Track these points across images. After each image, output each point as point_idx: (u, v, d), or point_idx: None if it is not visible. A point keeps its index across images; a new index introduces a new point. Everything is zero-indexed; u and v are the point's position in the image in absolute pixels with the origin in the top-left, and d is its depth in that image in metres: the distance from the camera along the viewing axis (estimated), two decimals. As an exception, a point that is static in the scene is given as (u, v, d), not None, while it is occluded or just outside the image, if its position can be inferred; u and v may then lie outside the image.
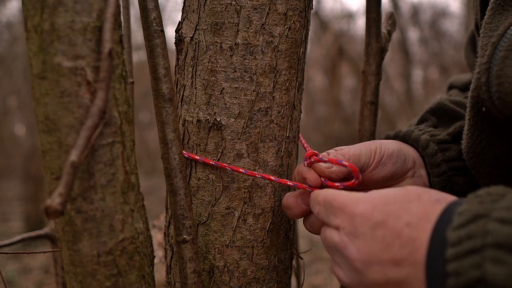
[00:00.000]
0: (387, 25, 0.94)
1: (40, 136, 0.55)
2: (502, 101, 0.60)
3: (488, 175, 0.70)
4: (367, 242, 0.51)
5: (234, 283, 0.74)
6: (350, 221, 0.54)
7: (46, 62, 0.53)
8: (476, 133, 0.69)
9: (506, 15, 0.64)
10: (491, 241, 0.43)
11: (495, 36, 0.63)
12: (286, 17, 0.71)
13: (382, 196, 0.53)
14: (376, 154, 0.71)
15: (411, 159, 0.75)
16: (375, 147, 0.72)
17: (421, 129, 0.81)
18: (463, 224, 0.45)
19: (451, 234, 0.45)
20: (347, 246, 0.54)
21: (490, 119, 0.65)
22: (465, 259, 0.44)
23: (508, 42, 0.61)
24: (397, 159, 0.73)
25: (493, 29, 0.65)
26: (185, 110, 0.74)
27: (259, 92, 0.71)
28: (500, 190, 0.48)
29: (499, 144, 0.67)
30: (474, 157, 0.71)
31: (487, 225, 0.43)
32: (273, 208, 0.75)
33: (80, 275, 0.58)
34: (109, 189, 0.57)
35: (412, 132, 0.79)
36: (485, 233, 0.43)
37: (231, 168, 0.71)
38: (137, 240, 0.61)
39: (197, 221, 0.74)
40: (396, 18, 0.98)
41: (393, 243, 0.49)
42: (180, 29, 0.75)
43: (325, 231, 0.60)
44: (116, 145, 0.57)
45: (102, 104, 0.52)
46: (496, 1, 0.67)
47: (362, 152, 0.70)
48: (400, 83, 7.46)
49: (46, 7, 0.52)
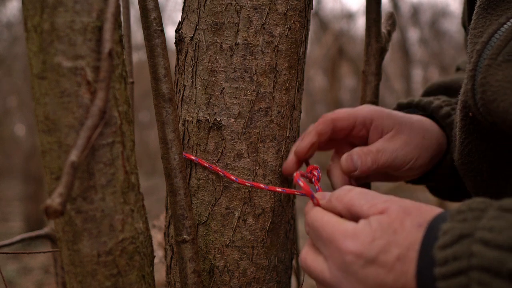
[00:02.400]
0: (387, 25, 0.94)
1: (40, 136, 0.55)
2: (486, 108, 0.61)
3: (473, 178, 0.71)
4: (361, 280, 0.51)
5: (234, 283, 0.74)
6: (340, 257, 0.53)
7: (46, 62, 0.53)
8: (463, 136, 0.70)
9: (490, 19, 0.65)
10: (476, 263, 0.44)
11: (480, 43, 0.64)
12: (286, 17, 0.71)
13: (368, 231, 0.52)
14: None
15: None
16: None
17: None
18: (448, 244, 0.46)
19: (437, 253, 0.47)
20: (342, 283, 0.53)
21: (477, 124, 0.67)
22: (452, 279, 0.45)
23: (492, 51, 0.62)
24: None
25: (478, 35, 0.66)
26: (185, 110, 0.74)
27: (259, 92, 0.71)
28: (481, 205, 0.48)
29: (485, 148, 0.68)
30: (462, 158, 0.71)
31: (471, 246, 0.45)
32: (273, 208, 0.75)
33: (80, 275, 0.58)
34: (109, 189, 0.57)
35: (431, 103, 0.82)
36: (470, 254, 0.45)
37: (224, 173, 0.71)
38: (137, 240, 0.61)
39: (197, 221, 0.74)
40: (396, 18, 0.98)
41: (387, 278, 0.50)
42: (180, 29, 0.75)
43: (311, 254, 0.58)
44: (116, 145, 0.57)
45: (102, 104, 0.52)
46: (480, 5, 0.68)
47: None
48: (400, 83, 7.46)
49: (46, 7, 0.52)
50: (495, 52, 0.61)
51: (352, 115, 0.73)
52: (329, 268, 0.54)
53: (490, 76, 0.61)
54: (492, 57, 0.61)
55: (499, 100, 0.59)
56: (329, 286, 0.55)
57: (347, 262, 0.52)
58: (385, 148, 0.71)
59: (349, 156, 0.71)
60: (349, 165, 0.71)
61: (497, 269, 0.43)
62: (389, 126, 0.73)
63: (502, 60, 0.61)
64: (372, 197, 0.55)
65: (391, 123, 0.73)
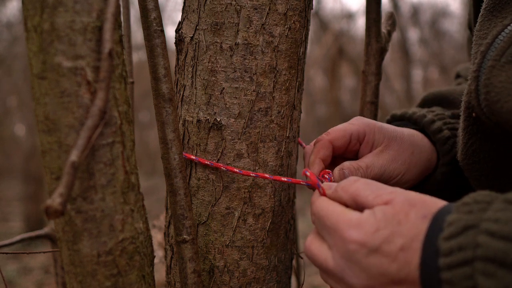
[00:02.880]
0: (387, 25, 0.94)
1: (40, 136, 0.55)
2: (489, 109, 0.62)
3: (478, 177, 0.72)
4: (364, 268, 0.52)
5: (234, 283, 0.74)
6: (343, 245, 0.54)
7: (46, 62, 0.53)
8: (468, 136, 0.71)
9: (495, 21, 0.66)
10: (481, 254, 0.45)
11: (484, 44, 0.65)
12: (286, 17, 0.71)
13: (372, 221, 0.53)
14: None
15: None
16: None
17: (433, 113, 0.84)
18: (453, 235, 0.47)
19: (442, 244, 0.47)
20: (345, 271, 0.54)
21: (480, 124, 0.67)
22: (457, 270, 0.46)
23: (496, 52, 0.63)
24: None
25: (483, 36, 0.67)
26: (185, 110, 0.74)
27: (259, 92, 0.71)
28: (487, 198, 0.49)
29: (488, 149, 0.68)
30: (466, 158, 0.72)
31: (477, 237, 0.45)
32: (273, 208, 0.75)
33: (80, 275, 0.58)
34: (109, 189, 0.57)
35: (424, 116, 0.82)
36: (475, 245, 0.45)
37: (226, 168, 0.71)
38: (137, 240, 0.61)
39: (197, 221, 0.74)
40: (396, 18, 0.98)
41: (390, 267, 0.51)
42: (180, 29, 0.75)
43: (316, 242, 0.59)
44: (116, 145, 0.57)
45: (102, 104, 0.52)
46: (486, 7, 0.68)
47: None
48: (400, 83, 7.46)
49: (46, 7, 0.52)
50: (499, 54, 0.62)
51: (347, 132, 0.73)
52: (333, 256, 0.55)
53: (493, 77, 0.61)
54: (496, 58, 0.62)
55: (503, 101, 0.60)
56: (333, 274, 0.56)
57: (351, 251, 0.53)
58: (374, 164, 0.72)
59: (341, 171, 0.71)
60: (341, 179, 0.71)
61: (502, 259, 0.43)
62: (379, 141, 0.74)
63: (506, 61, 0.61)
64: (377, 187, 0.56)
65: (382, 138, 0.74)
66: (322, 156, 0.72)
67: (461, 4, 8.66)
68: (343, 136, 0.73)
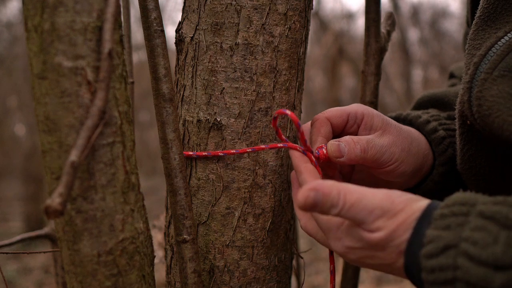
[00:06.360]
0: (387, 25, 0.94)
1: (40, 136, 0.55)
2: (482, 121, 0.63)
3: (476, 182, 0.72)
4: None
5: (234, 283, 0.74)
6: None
7: (47, 62, 0.53)
8: (463, 142, 0.71)
9: (488, 32, 0.66)
10: (461, 277, 0.47)
11: (477, 56, 0.65)
12: (286, 17, 0.71)
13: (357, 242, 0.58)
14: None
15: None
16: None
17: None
18: (434, 254, 0.49)
19: (424, 261, 0.50)
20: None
21: (475, 131, 0.68)
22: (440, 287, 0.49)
23: (489, 65, 0.63)
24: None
25: (476, 47, 0.67)
26: (185, 110, 0.74)
27: (259, 92, 0.71)
28: (463, 209, 0.51)
29: (484, 154, 0.69)
30: (463, 163, 0.72)
31: (456, 259, 0.48)
32: (273, 208, 0.75)
33: (80, 275, 0.58)
34: (109, 189, 0.57)
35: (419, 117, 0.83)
36: (455, 267, 0.48)
37: (223, 152, 0.71)
38: (137, 240, 0.61)
39: (197, 221, 0.74)
40: (396, 18, 0.98)
41: (379, 266, 0.58)
42: (180, 29, 0.75)
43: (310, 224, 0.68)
44: (116, 145, 0.57)
45: (102, 104, 0.53)
46: (481, 16, 0.68)
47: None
48: (400, 83, 7.45)
49: (47, 7, 0.52)
50: (491, 67, 0.63)
51: (344, 112, 0.73)
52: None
53: (485, 90, 0.62)
54: (488, 72, 0.63)
55: (494, 116, 0.61)
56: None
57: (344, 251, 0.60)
58: (375, 142, 0.70)
59: (336, 142, 0.69)
60: (335, 151, 0.69)
61: (484, 286, 0.46)
62: (378, 125, 0.72)
63: (498, 75, 0.62)
64: (369, 211, 0.57)
65: (380, 122, 0.72)
66: (323, 133, 0.71)
67: (461, 4, 8.65)
68: (340, 115, 0.72)
